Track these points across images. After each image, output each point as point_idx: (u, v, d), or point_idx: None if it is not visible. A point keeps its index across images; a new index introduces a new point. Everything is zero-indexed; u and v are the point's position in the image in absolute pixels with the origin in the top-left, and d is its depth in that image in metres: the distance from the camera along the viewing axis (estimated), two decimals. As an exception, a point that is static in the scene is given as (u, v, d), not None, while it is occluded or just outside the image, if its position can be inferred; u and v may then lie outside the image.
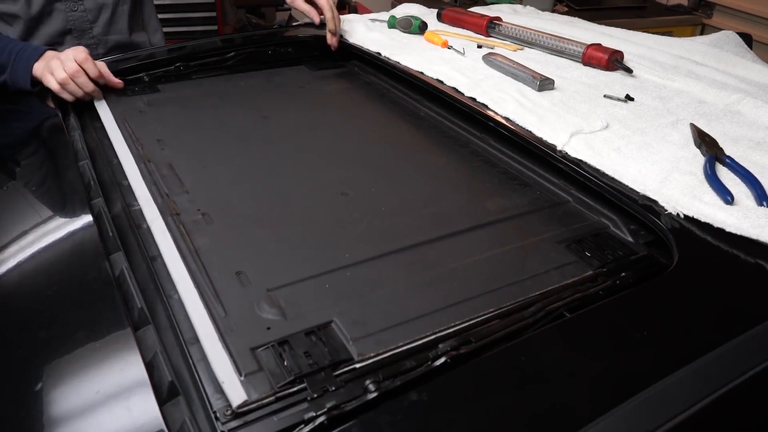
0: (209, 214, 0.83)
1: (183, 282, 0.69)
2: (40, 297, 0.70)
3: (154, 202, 0.84)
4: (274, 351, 0.60)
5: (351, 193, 0.90)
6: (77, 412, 0.56)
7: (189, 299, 0.66)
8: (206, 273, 0.70)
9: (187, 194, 0.87)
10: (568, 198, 0.90)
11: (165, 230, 0.78)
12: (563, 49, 1.35)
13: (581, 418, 0.52)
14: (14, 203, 0.90)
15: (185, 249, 0.75)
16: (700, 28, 3.02)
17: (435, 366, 0.58)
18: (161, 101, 1.21)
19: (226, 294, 0.68)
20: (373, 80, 1.37)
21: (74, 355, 0.62)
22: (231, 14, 3.31)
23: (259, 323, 0.64)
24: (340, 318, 0.64)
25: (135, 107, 1.16)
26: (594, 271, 0.73)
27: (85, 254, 0.78)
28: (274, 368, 0.58)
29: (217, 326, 0.62)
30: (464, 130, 1.11)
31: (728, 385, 0.56)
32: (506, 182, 0.94)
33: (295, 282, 0.70)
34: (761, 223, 0.76)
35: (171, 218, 0.81)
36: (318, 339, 0.61)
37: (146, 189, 0.87)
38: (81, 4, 1.39)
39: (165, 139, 1.03)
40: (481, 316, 0.65)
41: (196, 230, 0.79)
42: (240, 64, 1.41)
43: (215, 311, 0.64)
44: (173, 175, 0.92)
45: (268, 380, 0.56)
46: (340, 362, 0.58)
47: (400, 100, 1.26)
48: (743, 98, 1.11)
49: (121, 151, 0.99)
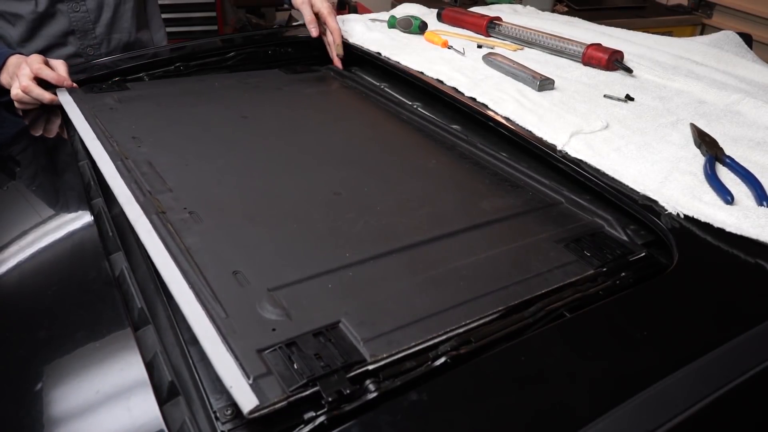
0: (197, 212, 0.78)
1: (176, 282, 0.64)
2: (40, 297, 0.70)
3: (136, 201, 0.79)
4: (282, 353, 0.57)
5: (344, 192, 0.88)
6: (77, 412, 0.56)
7: (184, 300, 0.62)
8: (201, 273, 0.66)
9: (171, 192, 0.83)
10: (561, 199, 0.89)
11: (150, 229, 0.73)
12: (563, 49, 1.35)
13: (581, 418, 0.52)
14: (14, 203, 0.90)
15: (175, 248, 0.70)
16: (700, 28, 3.02)
17: (435, 366, 0.58)
18: (132, 98, 1.15)
19: (224, 294, 0.64)
20: (350, 84, 1.35)
21: (74, 355, 0.61)
22: (231, 14, 3.31)
23: (263, 324, 0.60)
24: (348, 318, 0.62)
25: (104, 104, 1.10)
26: (595, 269, 0.73)
27: (85, 254, 0.78)
28: (284, 371, 0.55)
29: (219, 328, 0.59)
30: (450, 134, 1.10)
31: (728, 385, 0.56)
32: (497, 183, 0.94)
33: (297, 282, 0.67)
34: (761, 223, 0.76)
35: (156, 216, 0.76)
36: (327, 340, 0.59)
37: (125, 187, 0.82)
38: (83, 4, 1.39)
39: (140, 136, 0.98)
40: (489, 315, 0.64)
41: (185, 229, 0.75)
42: (240, 64, 1.41)
43: (215, 312, 0.61)
44: (154, 173, 0.87)
45: (278, 384, 0.53)
46: (353, 364, 0.56)
47: (382, 104, 1.24)
48: (743, 98, 1.11)
49: (94, 147, 0.93)
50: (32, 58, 1.17)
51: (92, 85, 1.20)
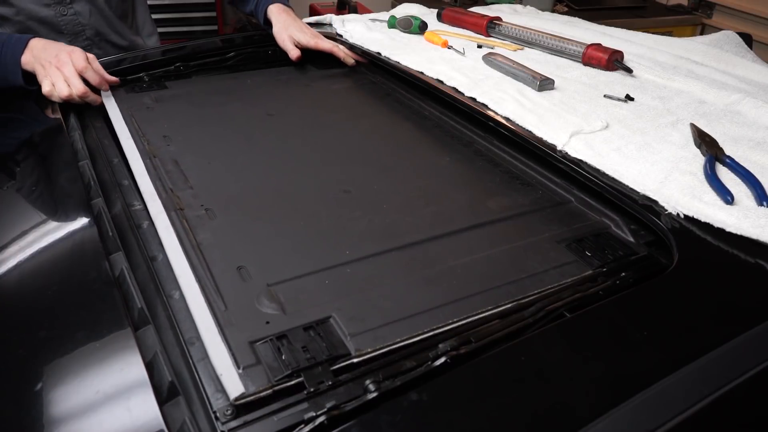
0: (212, 209, 0.83)
1: (185, 276, 0.69)
2: (40, 297, 0.70)
3: (159, 198, 0.84)
4: (272, 345, 0.60)
5: (353, 190, 0.90)
6: (77, 412, 0.56)
7: (190, 293, 0.67)
8: (208, 267, 0.71)
9: (191, 190, 0.88)
10: (570, 198, 0.90)
11: (168, 225, 0.78)
12: (563, 49, 1.35)
13: (581, 418, 0.52)
14: (14, 203, 0.90)
15: (188, 244, 0.75)
16: (700, 28, 3.02)
17: (435, 366, 0.58)
18: (168, 98, 1.21)
19: (226, 288, 0.68)
20: (378, 79, 1.37)
21: (74, 355, 0.62)
22: (231, 14, 3.32)
23: (259, 317, 0.64)
24: (339, 314, 0.64)
25: (142, 103, 1.17)
26: (593, 270, 0.73)
27: (85, 254, 0.78)
28: (272, 362, 0.58)
29: (217, 320, 0.63)
30: (468, 130, 1.11)
31: (728, 385, 0.56)
32: (509, 182, 0.95)
33: (296, 277, 0.70)
34: (761, 223, 0.76)
35: (175, 213, 0.81)
36: (316, 334, 0.62)
37: (151, 184, 0.88)
38: (71, 7, 1.39)
39: (171, 135, 1.04)
40: (479, 314, 0.65)
41: (199, 225, 0.80)
42: (240, 64, 1.41)
43: (216, 305, 0.65)
44: (178, 170, 0.93)
45: (265, 373, 0.57)
46: (338, 357, 0.59)
47: (405, 100, 1.26)
48: (743, 98, 1.11)
49: (128, 146, 0.99)
50: (77, 55, 1.14)
51: (133, 84, 1.26)
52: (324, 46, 1.43)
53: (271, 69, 1.41)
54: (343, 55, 1.43)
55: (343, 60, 1.43)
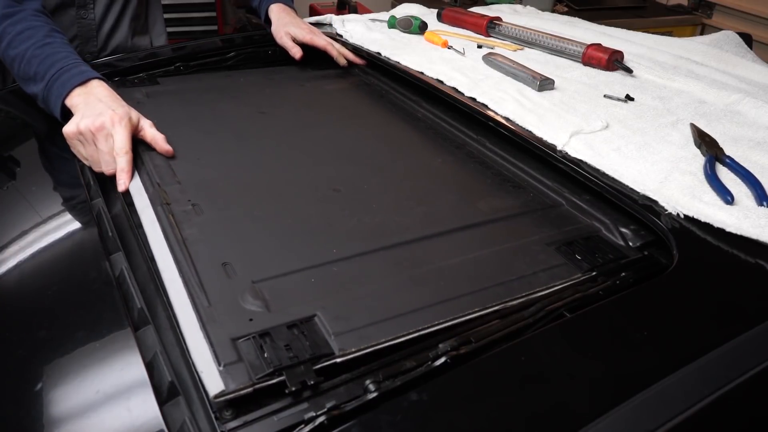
0: (199, 204, 0.82)
1: (168, 271, 0.68)
2: (40, 297, 0.70)
3: (146, 192, 0.83)
4: (254, 342, 0.59)
5: (343, 189, 0.89)
6: (77, 412, 0.56)
7: (173, 288, 0.66)
8: (192, 263, 0.69)
9: (178, 184, 0.86)
10: (562, 201, 0.89)
11: (154, 219, 0.77)
12: (563, 49, 1.35)
13: (581, 418, 0.52)
14: (14, 203, 0.90)
15: (173, 238, 0.73)
16: (700, 28, 3.02)
17: (435, 366, 0.58)
18: (160, 93, 1.19)
19: (210, 284, 0.66)
20: (372, 81, 1.37)
21: (74, 355, 0.62)
22: (231, 14, 3.32)
23: (242, 314, 0.62)
24: (324, 312, 0.63)
25: (133, 98, 1.14)
26: (583, 273, 0.73)
27: (85, 254, 0.78)
28: (254, 360, 0.57)
29: (200, 315, 0.61)
30: (461, 132, 1.11)
31: (729, 385, 0.57)
32: (500, 184, 0.94)
33: (281, 275, 0.69)
34: (761, 223, 0.76)
35: (161, 207, 0.79)
36: (300, 332, 0.60)
37: (138, 178, 0.87)
38: (92, 11, 1.39)
39: (161, 130, 1.01)
40: (465, 315, 0.64)
41: (185, 220, 0.78)
42: (240, 64, 1.41)
43: (199, 301, 0.63)
44: (166, 165, 0.91)
45: (246, 371, 0.55)
46: (321, 356, 0.58)
47: (399, 101, 1.26)
48: (743, 98, 1.11)
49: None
50: (122, 135, 0.91)
51: (124, 79, 1.24)
52: (318, 43, 1.42)
53: (265, 68, 1.40)
54: (336, 54, 1.42)
55: (336, 59, 1.42)
